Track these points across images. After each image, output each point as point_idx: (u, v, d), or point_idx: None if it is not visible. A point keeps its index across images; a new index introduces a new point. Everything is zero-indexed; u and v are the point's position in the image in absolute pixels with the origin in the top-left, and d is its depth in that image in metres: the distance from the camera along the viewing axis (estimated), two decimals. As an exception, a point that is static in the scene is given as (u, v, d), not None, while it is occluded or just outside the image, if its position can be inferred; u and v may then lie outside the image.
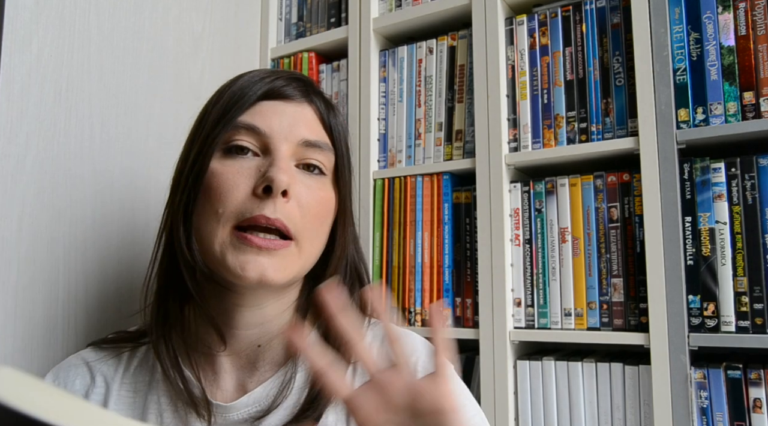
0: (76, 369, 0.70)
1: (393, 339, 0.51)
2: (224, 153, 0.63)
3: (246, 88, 0.65)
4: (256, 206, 0.60)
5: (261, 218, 0.59)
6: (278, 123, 0.64)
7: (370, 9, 1.24)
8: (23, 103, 0.82)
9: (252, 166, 0.62)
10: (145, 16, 1.03)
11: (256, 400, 0.63)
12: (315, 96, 0.69)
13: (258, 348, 0.66)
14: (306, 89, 0.68)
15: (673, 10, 0.97)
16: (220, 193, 0.61)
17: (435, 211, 1.14)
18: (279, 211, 0.60)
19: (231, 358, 0.66)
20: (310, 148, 0.65)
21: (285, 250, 0.61)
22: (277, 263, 0.60)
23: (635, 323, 0.96)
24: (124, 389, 0.68)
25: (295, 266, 0.63)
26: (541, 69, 1.09)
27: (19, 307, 0.80)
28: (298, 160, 0.64)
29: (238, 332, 0.65)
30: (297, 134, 0.64)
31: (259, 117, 0.64)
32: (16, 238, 0.81)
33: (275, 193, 0.59)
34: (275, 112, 0.64)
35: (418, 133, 1.19)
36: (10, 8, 0.81)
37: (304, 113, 0.66)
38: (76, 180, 0.89)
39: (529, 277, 1.06)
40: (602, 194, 1.02)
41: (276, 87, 0.65)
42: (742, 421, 0.87)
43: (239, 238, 0.60)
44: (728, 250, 0.91)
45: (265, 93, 0.65)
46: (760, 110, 0.90)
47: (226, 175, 0.62)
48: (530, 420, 1.01)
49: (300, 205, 0.62)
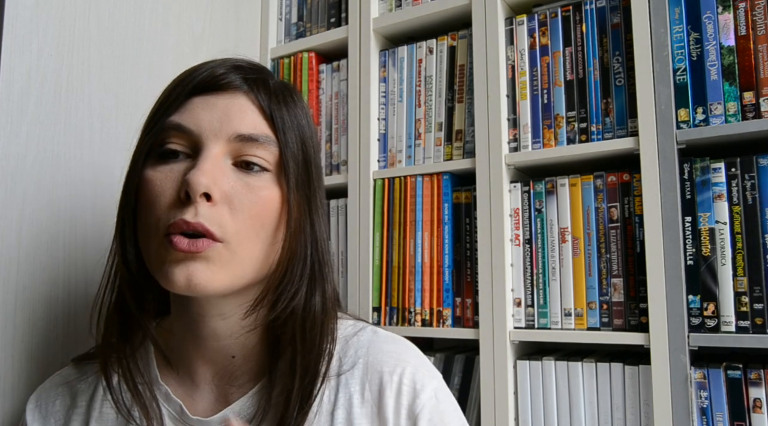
0: (56, 389, 0.69)
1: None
2: (158, 158, 0.59)
3: (178, 84, 0.61)
4: (178, 212, 0.56)
5: (181, 223, 0.55)
6: (207, 119, 0.58)
7: (370, 9, 1.24)
8: (23, 103, 0.82)
9: (181, 169, 0.58)
10: (145, 16, 1.03)
11: (235, 413, 0.62)
12: (255, 83, 0.62)
13: (233, 359, 0.64)
14: (244, 77, 0.61)
15: (673, 10, 0.97)
16: (151, 203, 0.58)
17: (435, 211, 1.14)
18: (201, 215, 0.55)
19: (209, 368, 0.64)
20: (247, 143, 0.58)
21: (211, 250, 0.56)
22: (204, 268, 0.56)
23: (635, 323, 0.96)
24: (107, 407, 0.66)
25: (227, 270, 0.57)
26: (541, 69, 1.09)
27: (19, 307, 0.80)
28: (235, 158, 0.59)
29: (208, 343, 0.63)
30: (228, 129, 0.58)
31: (188, 115, 0.59)
32: (16, 238, 0.81)
33: (193, 198, 0.55)
34: (205, 106, 0.59)
35: (418, 133, 1.19)
36: (10, 8, 0.81)
37: (237, 104, 0.60)
38: (76, 180, 0.89)
39: (529, 277, 1.06)
40: (602, 194, 1.02)
41: (206, 79, 0.60)
42: (742, 421, 0.87)
43: (169, 243, 0.56)
44: (728, 250, 0.91)
45: (196, 87, 0.60)
46: (760, 110, 0.90)
47: (155, 182, 0.58)
48: (530, 420, 1.01)
49: (232, 207, 0.57)
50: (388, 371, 0.62)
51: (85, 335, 0.88)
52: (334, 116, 1.29)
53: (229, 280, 0.58)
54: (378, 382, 0.62)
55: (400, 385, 0.61)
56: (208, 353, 0.64)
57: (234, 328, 0.62)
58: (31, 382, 0.81)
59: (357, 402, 0.62)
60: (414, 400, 0.60)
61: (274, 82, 0.64)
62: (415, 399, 0.60)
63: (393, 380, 0.61)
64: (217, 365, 0.64)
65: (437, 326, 1.11)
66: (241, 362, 0.64)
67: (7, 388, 0.79)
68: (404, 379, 0.61)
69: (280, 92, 0.63)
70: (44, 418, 0.68)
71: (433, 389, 0.62)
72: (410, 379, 0.61)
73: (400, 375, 0.61)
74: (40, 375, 0.82)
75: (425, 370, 0.63)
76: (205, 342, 0.63)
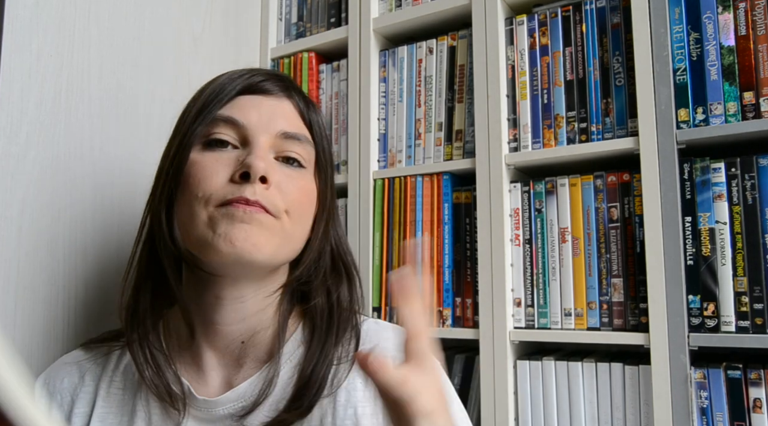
0: (65, 368, 0.71)
1: (410, 336, 0.48)
2: (204, 146, 0.64)
3: (225, 84, 0.66)
4: (236, 190, 0.60)
5: (241, 200, 0.59)
6: (257, 115, 0.64)
7: (370, 9, 1.24)
8: (23, 103, 0.82)
9: (232, 156, 0.63)
10: (145, 16, 1.03)
11: (240, 396, 0.64)
12: (294, 91, 0.69)
13: (242, 344, 0.66)
14: (285, 85, 0.69)
15: (673, 10, 0.97)
16: (200, 180, 0.61)
17: (435, 211, 1.14)
18: (259, 194, 0.60)
19: (216, 354, 0.66)
20: (289, 140, 0.65)
21: (271, 220, 0.61)
22: (264, 233, 0.60)
23: (635, 323, 0.96)
24: (114, 387, 0.68)
25: (280, 242, 0.62)
26: (541, 69, 1.09)
27: (19, 307, 0.80)
28: (277, 153, 0.65)
29: (220, 328, 0.65)
30: (275, 126, 0.65)
31: (238, 110, 0.65)
32: (16, 238, 0.81)
33: (253, 178, 0.60)
34: (254, 105, 0.65)
35: (418, 133, 1.19)
36: (10, 8, 0.81)
37: (282, 107, 0.67)
38: (76, 180, 0.89)
39: (529, 277, 1.06)
40: (602, 194, 1.02)
41: (254, 82, 0.67)
42: (742, 421, 0.87)
43: (226, 205, 0.60)
44: (728, 250, 0.91)
45: (244, 88, 0.66)
46: (760, 110, 0.90)
47: (205, 163, 0.62)
48: (530, 420, 1.01)
49: (281, 191, 0.63)
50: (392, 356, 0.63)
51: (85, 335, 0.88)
52: (334, 116, 1.29)
53: (274, 250, 0.62)
54: None
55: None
56: (218, 337, 0.66)
57: (248, 312, 0.65)
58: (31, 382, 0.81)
59: (360, 385, 0.64)
60: None
61: (305, 94, 0.72)
62: None
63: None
64: (225, 349, 0.66)
65: (437, 326, 1.11)
66: (250, 348, 0.66)
67: (7, 388, 0.79)
68: None
69: (309, 101, 0.71)
70: (51, 395, 0.69)
71: None
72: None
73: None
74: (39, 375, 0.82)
75: None
76: (216, 326, 0.65)
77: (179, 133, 0.66)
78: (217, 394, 0.65)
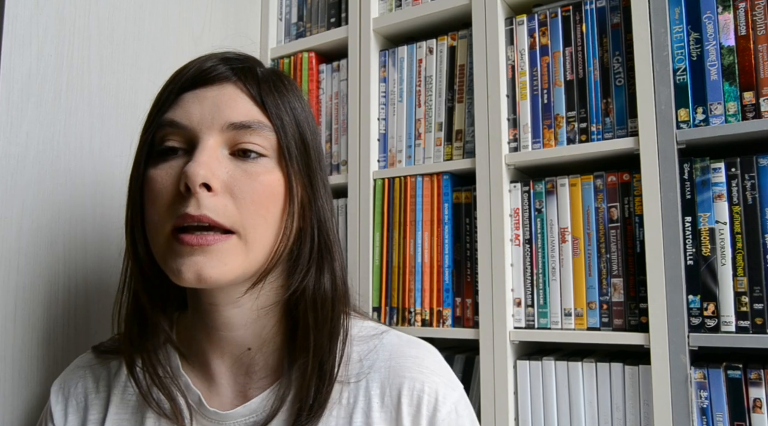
0: (79, 372, 0.70)
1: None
2: (158, 156, 0.60)
3: (170, 82, 0.62)
4: (180, 206, 0.56)
5: (187, 217, 0.55)
6: (199, 112, 0.59)
7: (370, 9, 1.24)
8: (23, 103, 0.82)
9: (179, 165, 0.58)
10: (145, 16, 1.03)
11: (253, 411, 0.62)
12: (242, 72, 0.62)
13: (248, 351, 0.64)
14: (232, 68, 0.61)
15: (673, 10, 0.97)
16: (154, 200, 0.58)
17: (435, 211, 1.14)
18: (204, 206, 0.56)
19: (223, 361, 0.65)
20: (241, 131, 0.59)
21: (222, 243, 0.56)
22: (213, 260, 0.56)
23: (635, 323, 0.96)
24: (129, 393, 0.67)
25: (238, 260, 0.57)
26: (541, 69, 1.09)
27: (19, 307, 0.80)
28: (231, 147, 0.59)
29: (223, 334, 0.63)
30: (220, 119, 0.58)
31: (180, 110, 0.59)
32: (16, 238, 0.81)
33: (192, 189, 0.55)
34: (195, 100, 0.60)
35: (418, 133, 1.19)
36: (10, 8, 0.81)
37: (227, 94, 0.60)
38: (76, 180, 0.89)
39: (529, 277, 1.06)
40: (602, 194, 1.02)
41: (195, 73, 0.60)
42: (742, 421, 0.87)
43: (176, 239, 0.57)
44: (728, 250, 0.91)
45: (185, 82, 0.61)
46: (760, 110, 0.90)
47: (156, 180, 0.59)
48: (530, 420, 1.01)
49: (233, 195, 0.57)
50: (410, 377, 0.62)
51: (85, 335, 0.88)
52: (334, 116, 1.29)
53: (242, 270, 0.58)
54: (398, 387, 0.61)
55: (421, 394, 0.61)
56: (223, 344, 0.64)
57: (248, 316, 0.63)
58: (31, 382, 0.81)
59: (377, 406, 0.62)
60: (434, 414, 0.60)
61: (263, 69, 0.64)
62: (435, 412, 0.60)
63: (415, 388, 0.61)
64: (233, 357, 0.65)
65: (437, 326, 1.11)
66: (258, 355, 0.64)
67: (7, 388, 0.79)
68: (426, 389, 0.61)
69: (269, 79, 0.63)
70: (66, 400, 0.69)
71: (453, 402, 0.62)
72: (432, 390, 0.61)
73: (422, 383, 0.61)
74: (40, 375, 0.82)
75: (447, 381, 0.63)
76: (219, 333, 0.64)
77: (137, 147, 0.63)
78: (229, 406, 0.64)
